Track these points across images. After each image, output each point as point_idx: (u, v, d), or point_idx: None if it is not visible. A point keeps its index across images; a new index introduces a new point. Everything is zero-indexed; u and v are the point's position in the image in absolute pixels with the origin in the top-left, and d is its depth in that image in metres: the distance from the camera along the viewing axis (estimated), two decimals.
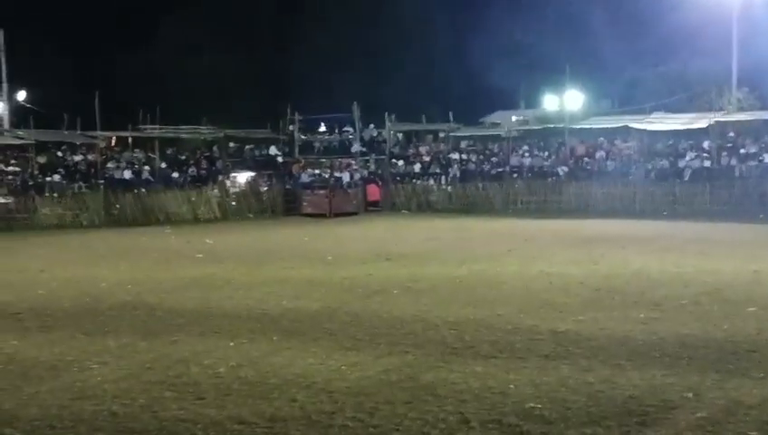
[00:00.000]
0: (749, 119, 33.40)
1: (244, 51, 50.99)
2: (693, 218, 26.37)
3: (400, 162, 37.89)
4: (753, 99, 37.79)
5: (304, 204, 33.76)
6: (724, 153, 32.25)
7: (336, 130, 40.16)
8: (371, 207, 34.77)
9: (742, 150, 31.90)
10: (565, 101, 41.23)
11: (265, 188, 35.47)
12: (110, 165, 34.53)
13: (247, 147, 38.90)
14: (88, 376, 8.48)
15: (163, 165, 35.66)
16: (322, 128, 41.23)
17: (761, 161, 30.92)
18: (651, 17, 40.05)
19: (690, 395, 7.40)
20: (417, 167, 37.29)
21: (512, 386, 7.75)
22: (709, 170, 31.48)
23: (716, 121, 32.35)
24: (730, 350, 8.99)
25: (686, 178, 31.43)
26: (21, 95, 39.95)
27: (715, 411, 7.00)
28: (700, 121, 32.56)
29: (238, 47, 50.81)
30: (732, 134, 33.46)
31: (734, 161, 31.61)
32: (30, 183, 31.69)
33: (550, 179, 34.12)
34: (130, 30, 52.09)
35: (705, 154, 32.56)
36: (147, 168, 34.77)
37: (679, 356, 8.75)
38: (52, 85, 41.04)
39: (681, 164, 32.45)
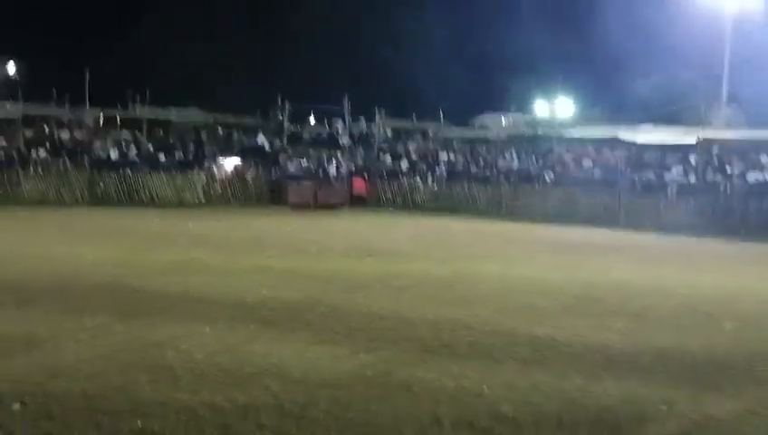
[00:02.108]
0: (736, 137, 33.55)
1: (239, 37, 50.81)
2: (676, 232, 26.48)
3: (388, 158, 37.88)
4: (741, 116, 37.99)
5: (290, 194, 33.68)
6: (710, 169, 32.39)
7: (325, 122, 40.10)
8: (357, 202, 34.75)
9: (728, 168, 32.05)
10: (556, 108, 41.37)
11: (251, 176, 35.36)
12: (96, 143, 34.30)
13: (235, 134, 38.78)
14: (62, 354, 8.42)
15: (150, 147, 35.46)
16: (312, 119, 41.17)
17: (745, 180, 31.07)
18: (646, 28, 40.16)
19: (664, 407, 7.41)
20: (404, 164, 37.28)
21: (486, 388, 7.75)
22: (694, 186, 31.60)
23: (704, 138, 32.48)
24: (706, 364, 9.02)
25: (672, 192, 31.54)
26: (10, 67, 39.67)
27: (687, 425, 7.02)
28: (688, 136, 32.69)
29: (233, 33, 50.64)
30: (717, 150, 33.59)
31: (719, 178, 31.75)
32: (15, 157, 31.44)
33: (536, 184, 34.20)
34: (125, 10, 51.85)
35: (691, 169, 32.70)
36: (133, 148, 34.56)
37: (655, 368, 8.77)
38: (43, 60, 40.78)
39: (667, 177, 32.55)
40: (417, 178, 36.28)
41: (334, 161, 36.91)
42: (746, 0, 34.92)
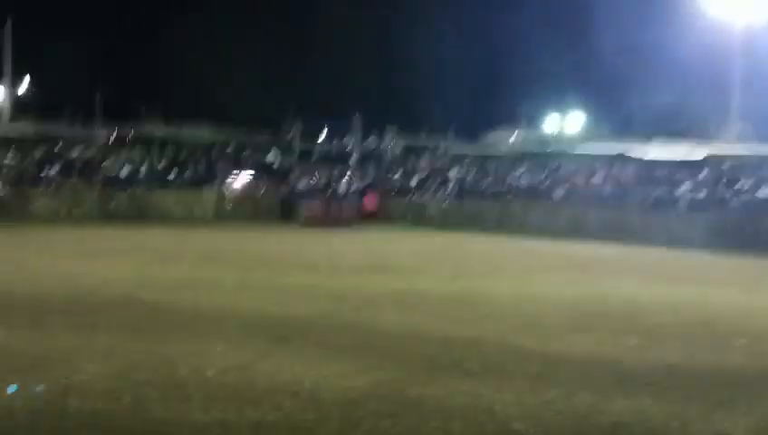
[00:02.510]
0: (746, 152, 33.48)
1: (250, 56, 51.01)
2: (686, 248, 26.39)
3: (398, 174, 37.93)
4: (751, 132, 37.92)
5: (300, 211, 33.74)
6: (720, 185, 32.32)
7: (336, 139, 40.21)
8: (367, 218, 34.78)
9: (738, 184, 31.97)
10: (565, 125, 41.41)
11: (262, 193, 35.43)
12: (107, 161, 34.46)
13: (246, 151, 38.91)
14: (75, 372, 8.44)
15: (161, 164, 35.58)
16: (323, 135, 41.30)
17: (756, 195, 30.97)
18: (655, 45, 40.22)
19: (675, 424, 7.39)
20: (414, 180, 37.32)
21: (498, 405, 7.74)
22: (704, 202, 31.53)
23: (714, 153, 32.43)
24: (717, 381, 9.00)
25: (682, 208, 31.47)
26: (22, 86, 39.98)
27: None
28: (698, 152, 32.65)
29: (243, 50, 50.83)
30: (728, 166, 33.51)
31: (729, 193, 31.67)
32: (26, 175, 31.63)
33: (546, 201, 34.16)
34: (135, 28, 52.15)
35: (701, 185, 32.63)
36: (144, 166, 34.71)
37: (666, 385, 8.75)
38: (55, 79, 41.01)
39: (677, 193, 32.50)
40: (428, 195, 36.30)
41: (345, 178, 36.97)
42: (756, 16, 34.93)
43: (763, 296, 15.91)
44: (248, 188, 35.44)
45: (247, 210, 34.00)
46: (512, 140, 46.27)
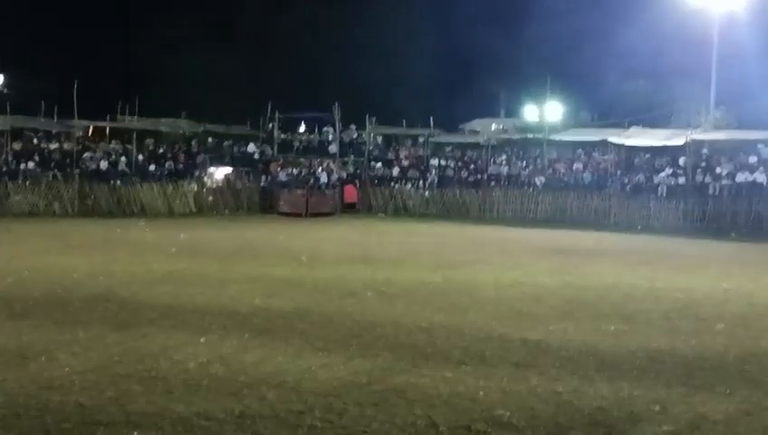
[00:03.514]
0: (725, 138, 33.71)
1: (228, 47, 50.79)
2: (666, 234, 26.59)
3: (379, 165, 37.90)
4: (729, 118, 38.19)
5: (281, 203, 33.67)
6: (699, 171, 32.54)
7: (316, 130, 40.11)
8: (348, 209, 34.77)
9: (717, 169, 32.21)
10: (545, 112, 41.50)
11: (242, 185, 35.31)
12: (86, 155, 34.21)
13: (226, 143, 38.75)
14: (56, 366, 8.41)
15: (140, 157, 35.36)
16: (302, 127, 41.17)
17: (734, 180, 31.22)
18: (633, 33, 40.33)
19: (657, 408, 7.46)
20: (395, 170, 37.32)
21: (481, 393, 7.78)
22: (684, 187, 31.75)
23: (693, 139, 32.64)
24: (697, 365, 9.08)
25: (662, 194, 31.69)
26: None
27: (680, 425, 7.06)
28: (677, 138, 32.83)
29: (222, 43, 50.62)
30: (706, 151, 33.75)
31: (708, 179, 31.90)
32: (3, 169, 31.36)
33: (527, 189, 34.29)
34: (114, 21, 51.86)
35: (680, 171, 32.85)
36: (123, 159, 34.49)
37: (647, 370, 8.82)
38: (31, 72, 40.69)
39: (657, 179, 32.70)
40: (409, 185, 36.32)
41: (325, 169, 36.91)
42: (734, 3, 35.13)
43: (742, 281, 16.04)
44: (229, 180, 35.29)
45: (228, 203, 33.90)
46: (492, 128, 46.38)
